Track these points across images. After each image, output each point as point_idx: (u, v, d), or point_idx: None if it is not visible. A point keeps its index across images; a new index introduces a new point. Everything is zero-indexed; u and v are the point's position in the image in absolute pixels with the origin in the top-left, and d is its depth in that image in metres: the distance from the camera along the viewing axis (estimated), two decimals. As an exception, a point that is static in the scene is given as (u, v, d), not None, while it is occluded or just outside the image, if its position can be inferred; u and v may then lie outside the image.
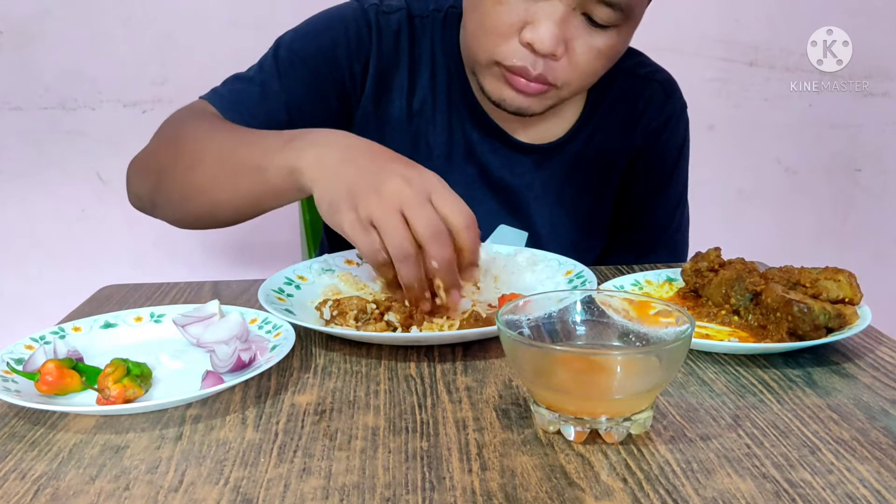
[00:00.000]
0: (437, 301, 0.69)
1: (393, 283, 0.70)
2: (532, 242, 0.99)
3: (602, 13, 0.81)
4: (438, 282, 0.67)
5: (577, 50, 0.83)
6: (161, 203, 0.88)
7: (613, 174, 1.04)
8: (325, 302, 0.72)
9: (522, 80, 0.84)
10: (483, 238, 0.97)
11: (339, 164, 0.70)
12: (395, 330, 0.68)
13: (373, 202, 0.66)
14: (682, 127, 1.05)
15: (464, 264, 0.69)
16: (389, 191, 0.66)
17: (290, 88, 0.91)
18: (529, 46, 0.82)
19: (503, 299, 0.73)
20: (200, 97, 0.93)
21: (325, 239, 1.11)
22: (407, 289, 0.68)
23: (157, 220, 0.92)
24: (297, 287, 0.79)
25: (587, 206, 1.03)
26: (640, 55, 1.05)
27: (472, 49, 0.88)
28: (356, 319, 0.69)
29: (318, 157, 0.71)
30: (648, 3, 0.88)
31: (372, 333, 0.66)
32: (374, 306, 0.70)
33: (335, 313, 0.70)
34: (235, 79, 0.94)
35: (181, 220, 0.89)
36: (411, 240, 0.65)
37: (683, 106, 1.05)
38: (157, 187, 0.87)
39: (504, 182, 0.99)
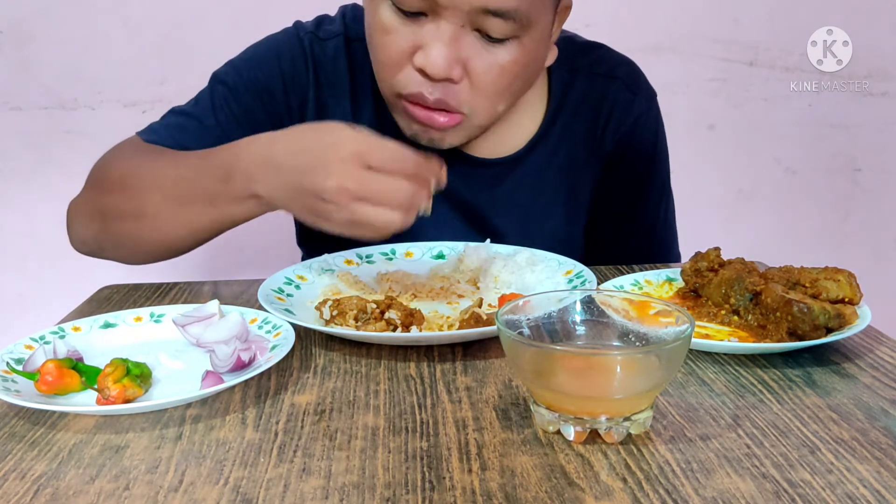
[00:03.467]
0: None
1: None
2: None
3: (495, 26, 0.75)
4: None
5: (476, 70, 0.78)
6: (109, 246, 0.86)
7: (585, 183, 0.98)
8: (324, 302, 0.72)
9: (423, 112, 0.80)
10: None
11: (285, 190, 0.70)
12: (395, 329, 0.68)
13: (333, 214, 0.67)
14: (651, 121, 0.99)
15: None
16: (333, 200, 0.66)
17: (223, 123, 0.90)
18: (423, 72, 0.77)
19: (503, 299, 0.73)
20: (137, 133, 0.90)
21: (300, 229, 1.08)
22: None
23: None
24: (297, 287, 0.79)
25: (558, 219, 0.98)
26: (597, 48, 0.98)
27: (378, 85, 0.85)
28: (356, 319, 0.69)
29: (264, 184, 0.71)
30: (559, 9, 0.83)
31: (372, 333, 0.66)
32: (374, 306, 0.70)
33: (335, 313, 0.70)
34: (172, 113, 0.93)
35: (133, 259, 0.86)
36: (391, 206, 0.66)
37: (650, 97, 0.99)
38: (103, 231, 0.85)
39: (464, 200, 0.95)
